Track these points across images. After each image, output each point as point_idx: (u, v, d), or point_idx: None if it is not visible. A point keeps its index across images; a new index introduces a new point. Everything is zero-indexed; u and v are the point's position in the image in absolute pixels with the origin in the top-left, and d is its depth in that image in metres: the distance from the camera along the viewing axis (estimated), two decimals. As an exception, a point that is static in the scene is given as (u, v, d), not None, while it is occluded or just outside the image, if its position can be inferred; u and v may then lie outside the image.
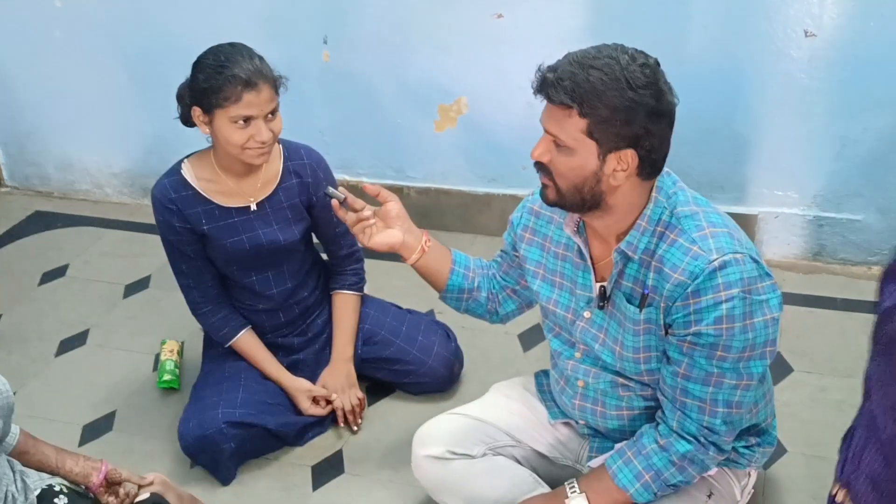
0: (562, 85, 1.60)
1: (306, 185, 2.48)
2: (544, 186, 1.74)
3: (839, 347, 2.72)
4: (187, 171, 2.42)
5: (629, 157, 1.63)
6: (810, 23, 2.78)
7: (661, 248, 1.71)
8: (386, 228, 1.96)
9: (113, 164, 3.87)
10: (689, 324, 1.68)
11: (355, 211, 1.95)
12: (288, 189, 2.47)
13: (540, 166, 1.72)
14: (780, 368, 2.64)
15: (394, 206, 1.96)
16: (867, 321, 2.81)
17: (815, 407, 2.52)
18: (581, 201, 1.70)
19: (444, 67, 3.23)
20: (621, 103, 1.58)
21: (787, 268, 3.12)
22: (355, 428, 2.58)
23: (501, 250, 2.09)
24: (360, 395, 2.60)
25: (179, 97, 2.34)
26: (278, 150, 2.48)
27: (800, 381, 2.62)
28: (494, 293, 2.10)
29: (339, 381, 2.58)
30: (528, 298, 2.09)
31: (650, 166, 1.67)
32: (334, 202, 1.97)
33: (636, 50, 1.64)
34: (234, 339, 2.56)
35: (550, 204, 1.75)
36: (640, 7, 2.92)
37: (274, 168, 2.46)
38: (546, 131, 1.68)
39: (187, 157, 2.45)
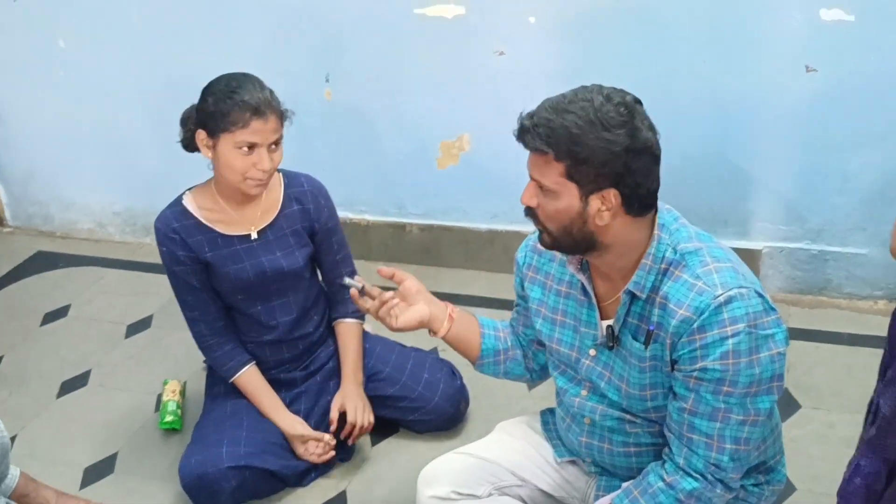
0: (537, 131, 1.63)
1: (307, 212, 2.50)
2: (539, 232, 1.77)
3: (846, 383, 2.70)
4: (189, 202, 2.45)
5: (612, 196, 1.64)
6: (811, 58, 2.79)
7: (665, 284, 1.71)
8: (410, 306, 1.94)
9: (115, 203, 3.88)
10: (695, 359, 1.67)
11: (372, 298, 1.93)
12: (289, 216, 2.49)
13: (529, 212, 1.74)
14: (788, 405, 2.62)
15: (412, 283, 1.95)
16: (874, 356, 2.78)
17: (824, 443, 2.50)
18: (574, 243, 1.72)
19: (446, 104, 3.24)
20: (597, 145, 1.60)
21: (793, 303, 3.10)
22: (350, 442, 2.56)
23: (518, 296, 2.07)
24: (371, 418, 2.57)
25: (184, 121, 2.37)
26: (278, 177, 2.50)
27: (807, 418, 2.60)
28: (524, 349, 2.09)
29: (355, 400, 2.55)
30: (540, 338, 2.07)
31: (638, 203, 1.67)
32: (353, 291, 1.95)
33: (613, 89, 1.66)
34: (238, 374, 2.55)
35: (548, 248, 1.78)
36: (641, 44, 2.94)
37: (274, 195, 2.48)
38: (531, 177, 1.71)
39: (189, 189, 2.48)
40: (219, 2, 3.32)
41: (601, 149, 1.59)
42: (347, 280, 1.99)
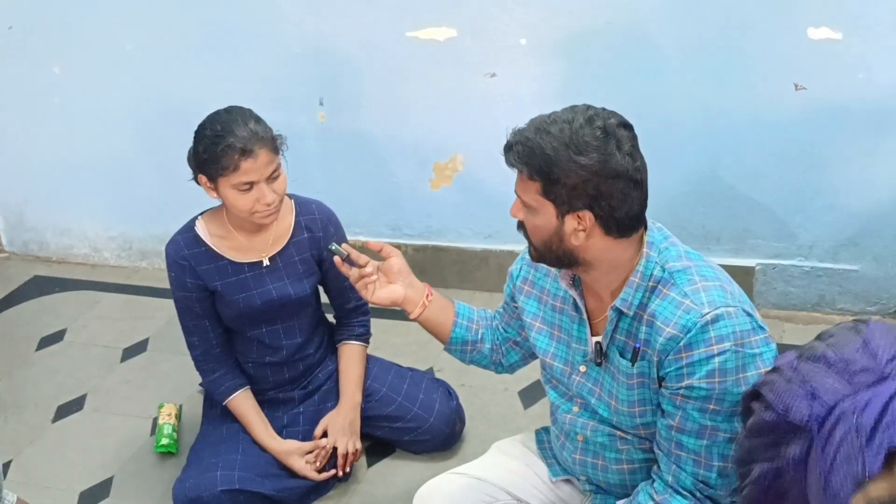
0: (514, 150, 1.67)
1: (317, 240, 2.51)
2: (528, 246, 1.79)
3: (841, 398, 2.70)
4: (201, 228, 2.46)
5: (587, 217, 1.66)
6: (800, 76, 2.82)
7: (653, 302, 1.71)
8: (388, 284, 1.99)
9: (111, 228, 3.89)
10: (682, 377, 1.67)
11: (359, 266, 1.97)
12: (299, 243, 2.50)
13: (519, 225, 1.78)
14: (783, 420, 2.62)
15: (396, 261, 2.00)
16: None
17: (819, 459, 2.49)
18: (556, 258, 1.74)
19: (438, 126, 3.26)
20: (568, 167, 1.62)
21: (787, 319, 3.11)
22: (341, 473, 2.54)
23: (504, 302, 2.09)
24: (359, 445, 2.57)
25: (189, 161, 2.38)
26: (290, 204, 2.51)
27: (803, 433, 2.60)
28: (498, 344, 2.11)
29: (341, 425, 2.56)
30: (530, 349, 2.09)
31: (616, 226, 1.68)
32: (337, 258, 1.99)
33: (601, 111, 1.67)
34: (230, 398, 2.56)
35: (535, 261, 1.80)
36: (632, 65, 2.96)
37: (285, 223, 2.49)
38: (515, 192, 1.74)
39: (201, 214, 2.49)
40: (213, 28, 3.35)
41: (572, 171, 1.61)
42: (334, 246, 2.01)
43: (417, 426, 2.61)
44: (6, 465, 2.75)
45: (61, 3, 3.48)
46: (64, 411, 3.04)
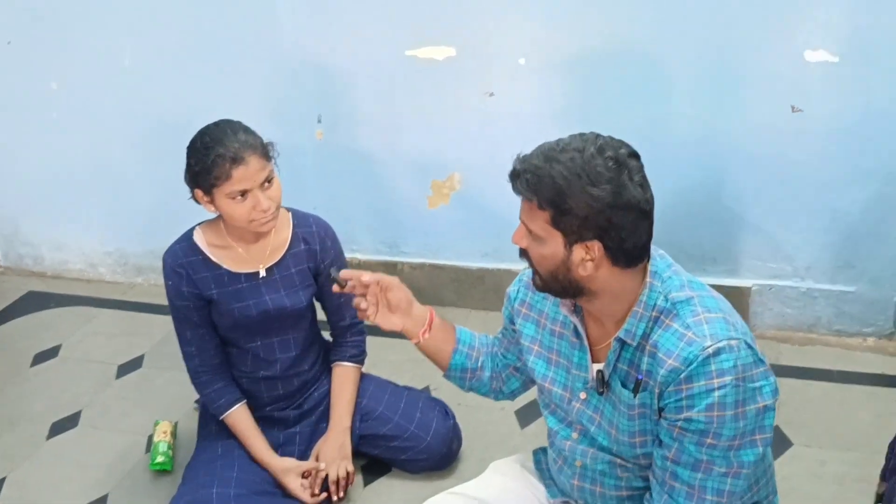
0: (524, 178, 1.63)
1: (314, 253, 2.52)
2: (532, 274, 1.77)
3: (837, 420, 2.71)
4: (198, 237, 2.46)
5: (596, 248, 1.64)
6: (797, 98, 2.83)
7: (655, 333, 1.70)
8: (389, 313, 1.96)
9: (107, 243, 3.89)
10: (681, 409, 1.66)
11: (359, 295, 1.95)
12: (296, 255, 2.50)
13: (523, 252, 1.75)
14: (780, 442, 2.62)
15: (395, 295, 1.95)
16: (864, 393, 2.81)
17: (816, 481, 2.50)
18: (562, 288, 1.72)
19: (436, 144, 3.27)
20: (580, 198, 1.59)
21: (783, 340, 3.12)
22: (335, 498, 2.54)
23: (503, 327, 2.08)
24: (351, 468, 2.56)
25: (185, 180, 2.38)
26: (287, 217, 2.51)
27: (799, 455, 2.60)
28: (498, 371, 2.09)
29: (331, 451, 2.56)
30: (530, 375, 2.08)
31: (624, 257, 1.66)
32: (335, 287, 1.96)
33: (610, 139, 1.64)
34: (228, 412, 2.55)
35: (539, 290, 1.77)
36: (627, 85, 2.97)
37: (283, 235, 2.50)
38: (520, 219, 1.71)
39: (200, 224, 2.50)
40: (210, 44, 3.36)
41: (584, 203, 1.59)
42: (333, 273, 1.97)
43: (414, 445, 2.60)
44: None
45: (59, 19, 3.49)
46: (58, 428, 3.02)
